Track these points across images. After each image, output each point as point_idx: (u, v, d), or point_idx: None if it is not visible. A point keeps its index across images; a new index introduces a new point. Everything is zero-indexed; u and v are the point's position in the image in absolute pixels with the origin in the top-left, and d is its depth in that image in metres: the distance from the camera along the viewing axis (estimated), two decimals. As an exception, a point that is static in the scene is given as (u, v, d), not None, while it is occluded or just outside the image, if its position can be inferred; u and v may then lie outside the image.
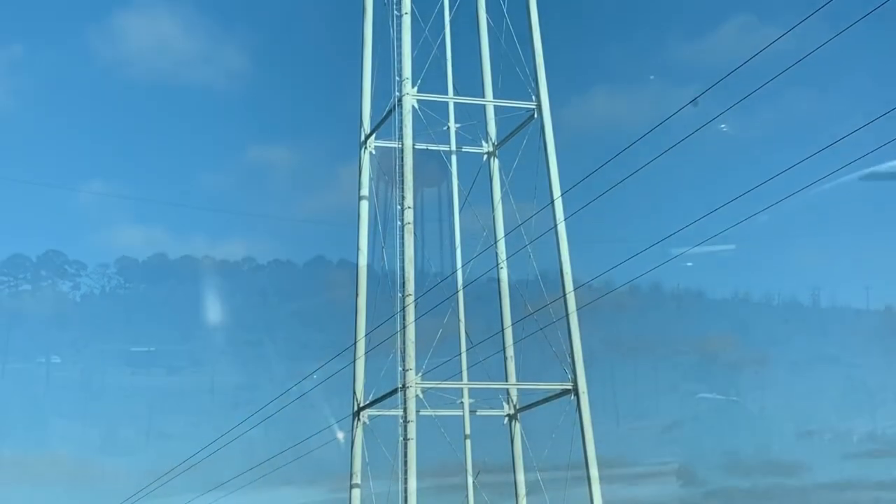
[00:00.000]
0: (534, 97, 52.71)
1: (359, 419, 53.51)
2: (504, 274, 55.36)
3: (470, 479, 53.42)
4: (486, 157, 56.26)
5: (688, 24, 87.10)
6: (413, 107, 50.38)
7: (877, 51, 78.97)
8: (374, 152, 54.94)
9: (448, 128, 54.75)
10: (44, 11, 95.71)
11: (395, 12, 51.38)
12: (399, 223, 49.68)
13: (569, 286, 50.83)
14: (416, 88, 50.58)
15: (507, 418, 54.96)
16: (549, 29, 54.25)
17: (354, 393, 53.88)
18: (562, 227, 50.81)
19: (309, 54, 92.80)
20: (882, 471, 71.45)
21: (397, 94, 50.76)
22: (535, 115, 52.58)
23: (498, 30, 54.46)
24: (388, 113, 52.27)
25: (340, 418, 54.81)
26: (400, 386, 48.51)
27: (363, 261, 55.08)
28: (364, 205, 55.20)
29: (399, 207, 49.79)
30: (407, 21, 50.97)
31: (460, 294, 53.12)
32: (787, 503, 71.08)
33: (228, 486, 57.79)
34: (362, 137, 55.35)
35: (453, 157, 55.15)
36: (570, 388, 50.58)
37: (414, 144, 50.57)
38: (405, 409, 48.26)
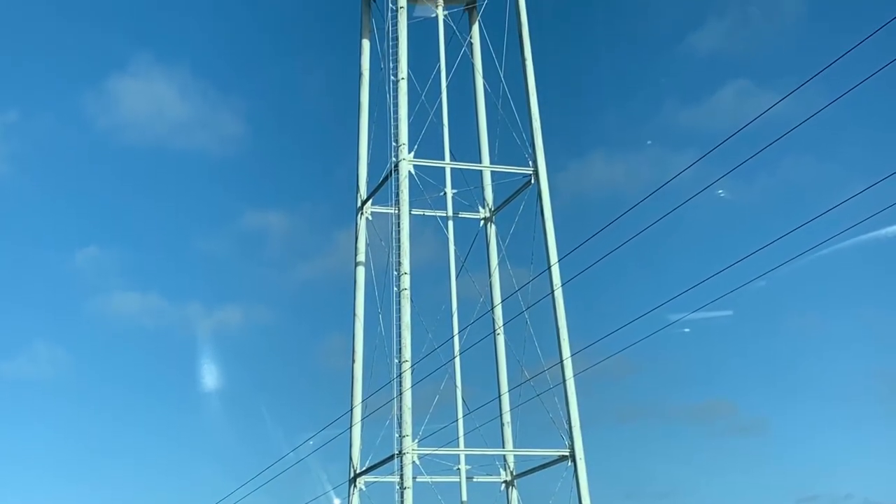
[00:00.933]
0: (531, 162, 52.77)
1: (355, 486, 53.26)
2: (501, 340, 55.29)
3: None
4: (482, 222, 56.30)
5: (685, 89, 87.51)
6: (410, 172, 50.44)
7: (875, 116, 79.40)
8: (370, 218, 55.01)
9: (445, 193, 54.81)
10: (39, 76, 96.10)
11: (392, 77, 51.60)
12: (396, 289, 49.64)
13: (566, 352, 50.70)
14: (412, 154, 50.65)
15: (504, 485, 54.71)
16: (546, 94, 54.53)
17: (351, 459, 53.69)
18: (559, 293, 50.74)
19: (305, 119, 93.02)
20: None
21: (394, 159, 50.84)
22: (532, 181, 52.63)
23: (495, 95, 54.75)
24: (385, 178, 52.39)
25: (337, 485, 54.59)
26: (396, 452, 48.27)
27: (360, 326, 55.05)
28: (360, 270, 55.22)
29: (395, 273, 49.77)
30: (403, 86, 51.13)
31: (457, 360, 52.98)
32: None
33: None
34: (359, 203, 55.44)
35: (450, 223, 55.15)
36: (567, 454, 50.35)
37: (411, 210, 50.61)
38: (402, 476, 48.00)
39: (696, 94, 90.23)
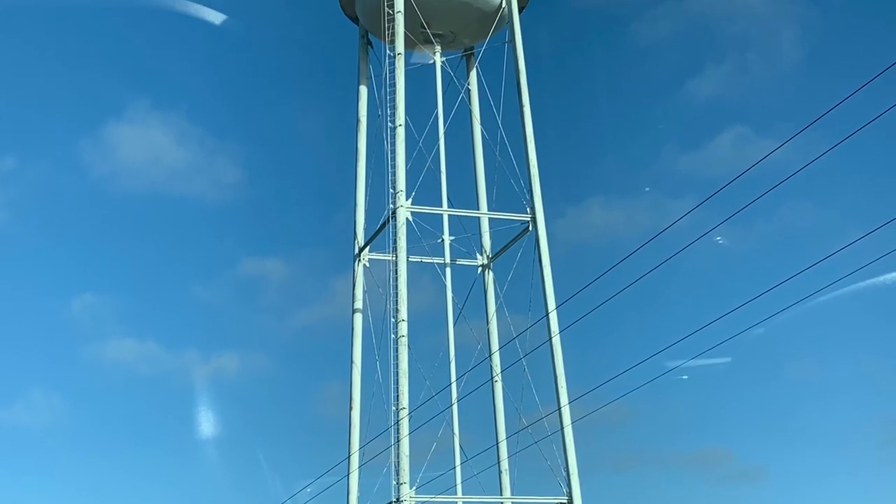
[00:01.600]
0: (528, 209, 52.76)
1: (352, 534, 53.01)
2: (499, 387, 55.15)
3: None
4: (480, 269, 56.24)
5: (683, 136, 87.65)
6: (407, 219, 50.40)
7: (873, 163, 79.54)
8: (368, 265, 54.95)
9: (442, 240, 54.76)
10: (35, 123, 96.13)
11: (390, 124, 51.60)
12: (393, 336, 49.51)
13: (563, 399, 50.54)
14: (410, 201, 50.64)
15: (502, 533, 54.48)
16: (544, 140, 54.58)
17: (348, 507, 53.45)
18: (556, 340, 50.62)
19: (303, 166, 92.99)
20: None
21: (391, 206, 50.83)
22: (530, 228, 52.61)
23: (493, 141, 54.80)
24: (383, 225, 52.36)
25: (334, 532, 54.29)
26: (394, 499, 48.02)
27: (357, 373, 54.88)
28: (358, 317, 55.12)
29: (393, 320, 49.66)
30: (401, 133, 51.16)
31: (455, 407, 52.80)
32: None
33: None
34: (356, 250, 55.40)
35: (448, 270, 55.08)
36: (565, 501, 50.09)
37: (408, 257, 50.55)
38: (399, 524, 47.78)
39: (694, 141, 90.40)
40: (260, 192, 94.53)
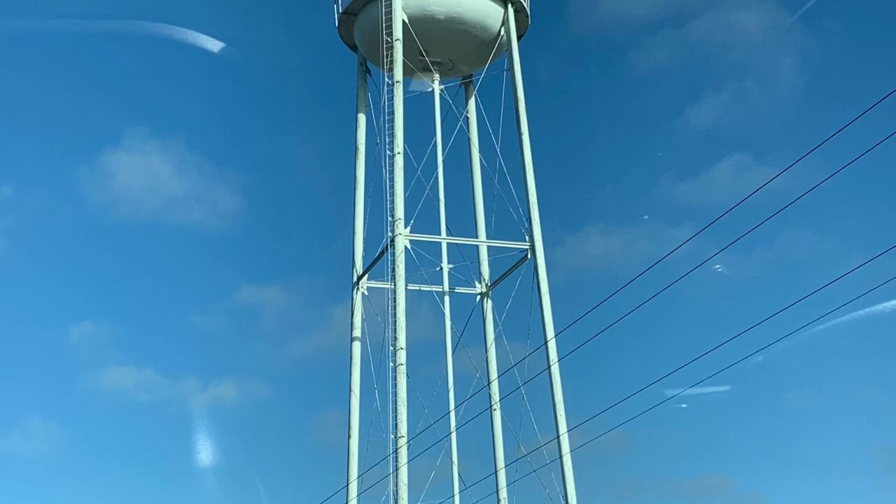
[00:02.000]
0: (527, 237, 52.76)
1: (350, 563, 52.83)
2: (497, 415, 55.04)
3: None
4: (479, 297, 56.18)
5: (682, 164, 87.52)
6: (406, 247, 50.37)
7: (873, 191, 79.54)
8: (366, 293, 54.89)
9: (441, 268, 54.73)
10: (33, 151, 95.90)
11: (388, 152, 51.61)
12: (391, 364, 49.43)
13: (562, 427, 50.44)
14: (408, 229, 50.62)
15: (500, 562, 54.28)
16: (542, 168, 54.63)
17: (346, 536, 53.28)
18: (555, 369, 50.56)
19: (301, 194, 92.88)
20: None
21: (390, 234, 50.78)
22: (529, 256, 52.58)
23: (491, 169, 54.82)
24: (381, 253, 52.29)
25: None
26: (392, 529, 47.92)
27: (355, 401, 54.77)
28: (356, 345, 55.03)
29: (391, 348, 49.58)
30: (399, 161, 51.15)
31: (453, 435, 52.71)
32: None
33: None
34: (355, 278, 55.33)
35: (446, 298, 55.03)
36: (564, 531, 50.00)
37: (407, 285, 50.50)
38: (397, 553, 47.62)
39: (693, 169, 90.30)
40: (258, 220, 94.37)
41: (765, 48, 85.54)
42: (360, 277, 55.04)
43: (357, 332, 55.03)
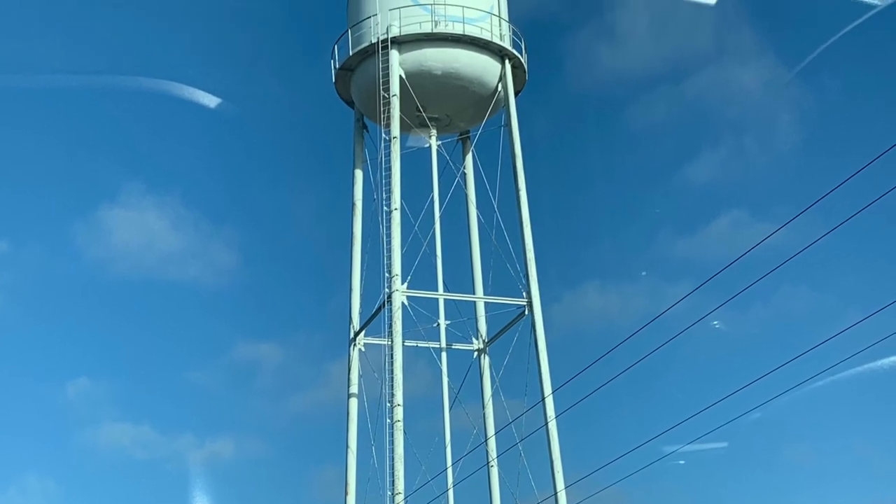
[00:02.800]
0: (524, 293, 52.69)
1: None
2: (494, 471, 54.80)
3: None
4: (476, 353, 56.04)
5: (680, 220, 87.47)
6: (403, 303, 50.29)
7: (871, 246, 79.46)
8: (363, 349, 54.72)
9: (438, 325, 54.61)
10: (29, 206, 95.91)
11: (385, 208, 51.63)
12: (389, 420, 49.24)
13: (560, 484, 50.23)
14: (405, 285, 50.56)
15: None
16: (540, 224, 54.57)
17: None
18: (553, 425, 50.42)
19: (298, 250, 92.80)
20: None
21: (387, 290, 50.71)
22: (526, 312, 52.48)
23: (488, 225, 54.82)
24: (378, 310, 52.19)
25: None
26: (389, 587, 47.64)
27: (352, 458, 54.52)
28: (353, 402, 54.83)
29: (388, 405, 49.39)
30: (396, 217, 51.15)
31: (451, 492, 52.45)
32: None
33: None
34: (352, 334, 55.18)
35: (443, 354, 54.90)
36: (562, 589, 49.70)
37: (404, 342, 50.38)
38: None
39: (690, 225, 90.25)
40: (255, 276, 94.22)
41: (763, 104, 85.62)
42: (356, 334, 54.89)
43: (354, 389, 54.84)
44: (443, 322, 54.72)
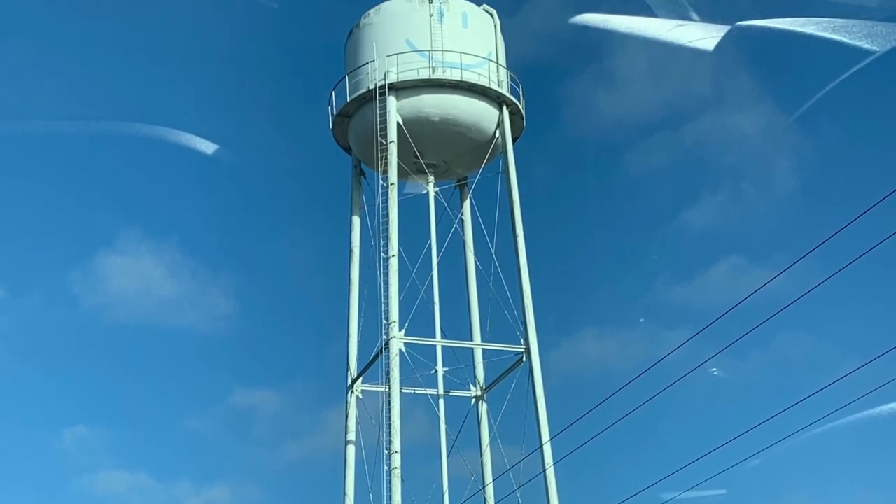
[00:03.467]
0: (522, 340, 52.56)
1: None
2: (493, 519, 54.56)
3: None
4: (474, 400, 55.86)
5: (678, 267, 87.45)
6: (400, 350, 50.15)
7: (869, 293, 79.35)
8: (360, 396, 54.53)
9: (436, 371, 54.44)
10: (26, 254, 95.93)
11: (382, 254, 51.56)
12: (386, 468, 49.04)
13: (559, 532, 49.99)
14: (403, 332, 50.44)
15: None
16: (537, 271, 54.50)
17: None
18: (551, 472, 50.19)
19: (295, 297, 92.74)
20: None
21: (384, 337, 50.59)
22: (524, 359, 52.32)
23: (486, 272, 54.73)
24: (376, 357, 52.04)
25: None
26: None
27: (350, 506, 54.29)
28: (350, 449, 54.58)
29: (386, 452, 49.20)
30: (394, 263, 51.08)
31: (448, 540, 52.22)
32: None
33: None
34: (349, 381, 54.99)
35: (441, 402, 54.69)
36: None
37: (401, 389, 50.20)
38: None
39: (688, 271, 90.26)
40: (252, 324, 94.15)
41: (761, 150, 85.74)
42: (354, 381, 54.72)
43: (351, 436, 54.60)
44: (440, 369, 54.54)
